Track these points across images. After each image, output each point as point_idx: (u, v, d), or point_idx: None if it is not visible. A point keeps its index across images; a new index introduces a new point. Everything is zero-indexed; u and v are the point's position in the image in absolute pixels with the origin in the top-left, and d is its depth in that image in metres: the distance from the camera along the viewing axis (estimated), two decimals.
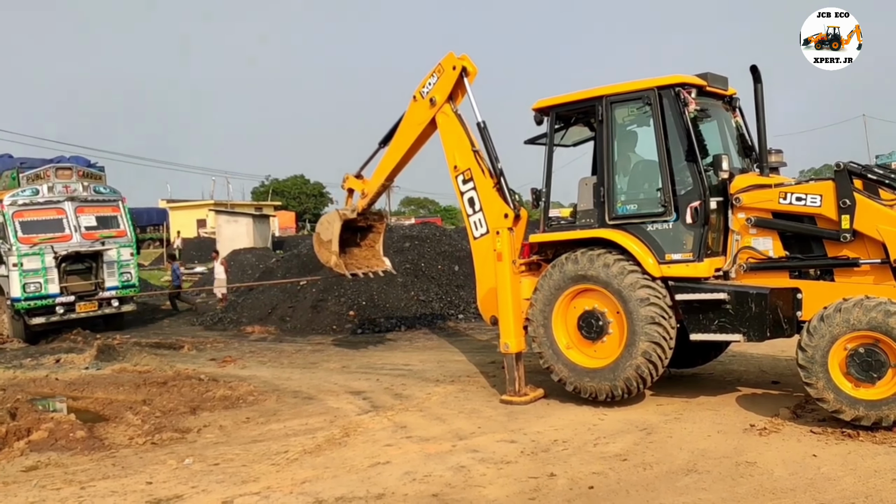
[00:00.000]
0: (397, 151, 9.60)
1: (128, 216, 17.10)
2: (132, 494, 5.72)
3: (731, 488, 5.19)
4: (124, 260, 16.59)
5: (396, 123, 9.62)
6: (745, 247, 7.16)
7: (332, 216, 10.44)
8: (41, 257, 15.39)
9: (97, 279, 16.18)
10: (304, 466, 6.20)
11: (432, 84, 8.91)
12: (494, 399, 8.21)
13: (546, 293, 7.69)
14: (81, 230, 16.06)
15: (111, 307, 16.37)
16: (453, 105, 8.85)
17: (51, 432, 7.43)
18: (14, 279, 15.20)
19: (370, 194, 10.11)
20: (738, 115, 8.04)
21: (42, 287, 15.35)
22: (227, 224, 34.67)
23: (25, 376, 11.14)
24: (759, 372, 8.83)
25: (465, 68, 8.69)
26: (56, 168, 16.36)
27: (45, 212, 15.82)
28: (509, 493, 5.36)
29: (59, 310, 15.58)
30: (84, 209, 16.29)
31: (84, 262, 16.08)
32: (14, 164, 17.44)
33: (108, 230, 16.52)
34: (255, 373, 10.78)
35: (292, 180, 74.74)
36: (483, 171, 8.49)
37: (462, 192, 8.68)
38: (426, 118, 9.04)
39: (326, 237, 10.28)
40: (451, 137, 8.81)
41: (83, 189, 16.37)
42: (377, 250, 10.93)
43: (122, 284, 16.50)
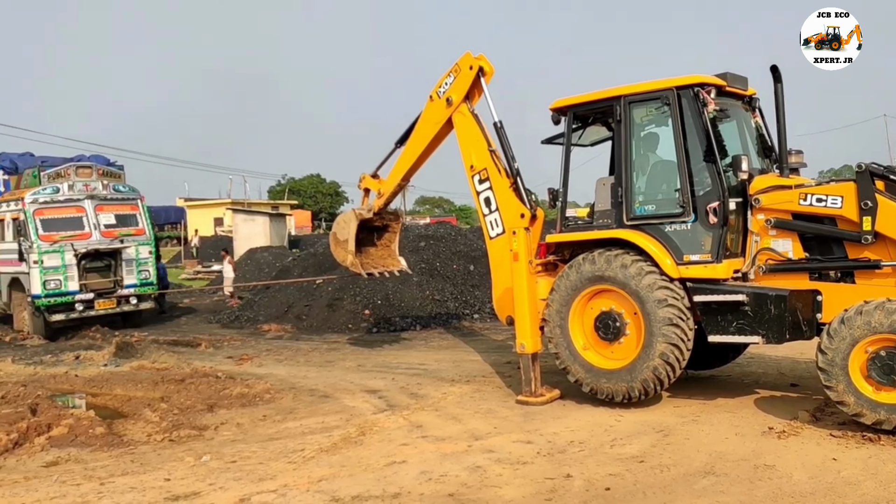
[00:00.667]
0: (413, 151, 9.61)
1: (146, 214, 17.23)
2: (150, 491, 5.76)
3: (749, 491, 5.16)
4: (143, 258, 16.70)
5: (412, 124, 9.64)
6: (765, 248, 7.11)
7: (349, 215, 10.46)
8: (61, 255, 15.51)
9: (116, 277, 16.30)
10: (321, 465, 6.22)
11: (449, 84, 8.91)
12: (510, 399, 8.20)
13: (563, 294, 7.67)
14: (101, 228, 16.21)
15: (129, 305, 16.49)
16: (470, 105, 8.84)
17: (71, 428, 7.50)
18: (35, 276, 15.35)
19: (386, 194, 10.13)
20: (758, 115, 7.98)
21: (62, 284, 15.48)
22: (244, 223, 34.83)
23: (45, 372, 11.27)
24: (777, 374, 8.76)
25: (482, 68, 8.68)
26: (76, 166, 16.50)
27: (66, 210, 15.95)
28: (525, 493, 5.35)
29: (79, 307, 15.70)
30: (103, 207, 16.45)
31: (103, 260, 16.19)
32: (35, 162, 17.55)
33: (127, 228, 16.66)
34: (271, 371, 10.83)
35: (308, 179, 75.02)
36: (499, 170, 8.48)
37: (478, 192, 8.68)
38: (442, 118, 9.04)
39: (343, 237, 10.30)
40: (468, 137, 8.80)
41: (103, 187, 16.51)
42: (393, 250, 10.95)
43: (140, 282, 16.61)
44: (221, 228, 46.36)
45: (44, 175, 16.29)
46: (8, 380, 10.58)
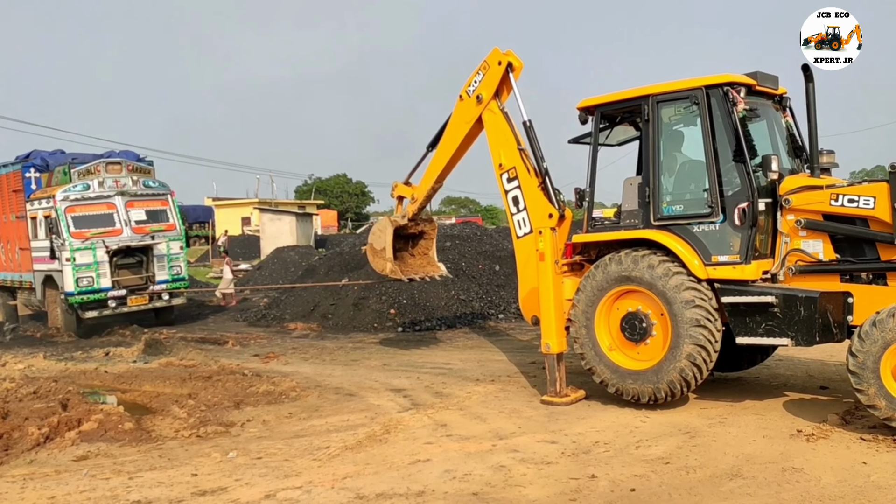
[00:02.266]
0: (445, 153, 9.56)
1: (177, 210, 17.17)
2: (178, 486, 5.83)
3: (776, 494, 5.09)
4: (174, 254, 16.70)
5: (443, 126, 9.61)
6: (794, 249, 7.01)
7: (383, 223, 10.32)
8: (93, 252, 15.56)
9: (147, 273, 16.35)
10: (346, 462, 6.26)
11: (478, 81, 8.90)
12: (535, 399, 8.18)
13: (589, 294, 7.63)
14: (132, 224, 16.22)
15: (161, 301, 16.49)
16: (500, 102, 8.82)
17: (100, 423, 7.62)
18: (67, 273, 15.40)
19: (420, 198, 10.06)
20: (789, 114, 7.86)
21: (94, 281, 15.55)
22: (271, 222, 35.17)
23: (76, 368, 11.46)
24: (806, 376, 8.64)
25: (510, 63, 8.66)
26: (106, 163, 16.49)
27: (96, 206, 15.98)
28: (550, 493, 5.33)
29: (112, 303, 15.76)
30: (134, 203, 16.44)
31: (135, 256, 16.26)
32: (66, 159, 17.52)
33: (158, 224, 16.64)
34: (297, 369, 10.91)
35: (335, 179, 75.44)
36: (528, 169, 8.45)
37: (506, 191, 8.65)
38: (473, 116, 9.02)
39: (379, 245, 10.16)
40: (497, 135, 8.78)
41: (133, 183, 16.51)
42: (431, 257, 10.80)
43: (172, 278, 16.61)
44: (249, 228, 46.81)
45: (74, 172, 16.29)
46: (40, 375, 10.79)
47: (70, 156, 17.96)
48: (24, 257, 17.17)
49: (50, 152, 18.20)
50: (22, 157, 17.97)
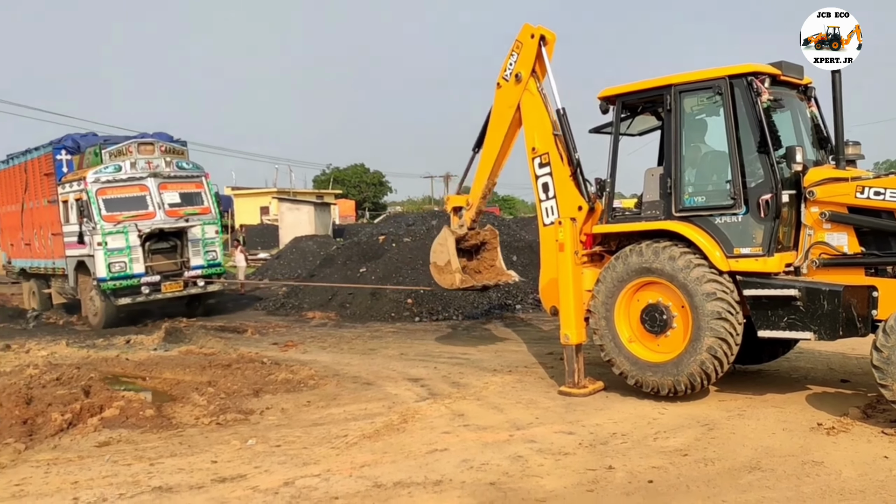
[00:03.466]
0: (493, 148, 9.35)
1: (211, 192, 16.53)
2: (198, 472, 5.89)
3: (796, 487, 5.06)
4: (209, 238, 16.09)
5: (485, 122, 9.44)
6: (818, 242, 6.91)
7: (443, 236, 9.87)
8: (125, 236, 15.00)
9: (182, 258, 15.74)
10: (364, 451, 6.29)
11: (513, 62, 8.81)
12: (552, 390, 8.17)
13: (609, 285, 7.59)
14: (165, 207, 15.60)
15: (197, 287, 15.89)
16: (538, 83, 8.73)
17: (122, 410, 7.71)
18: (99, 259, 14.88)
19: (475, 202, 9.78)
20: (814, 105, 7.75)
21: (127, 266, 15.00)
22: (290, 211, 35.33)
23: (98, 355, 11.59)
24: (827, 369, 8.57)
25: (542, 37, 8.60)
26: (138, 143, 15.88)
27: (128, 189, 15.37)
28: (567, 484, 5.33)
29: (145, 290, 15.21)
30: (167, 185, 15.81)
31: (168, 241, 15.63)
32: (97, 140, 16.86)
33: (192, 207, 16.01)
34: (315, 357, 10.97)
35: (353, 169, 75.57)
36: (561, 157, 8.39)
37: (537, 176, 8.60)
38: (515, 98, 8.88)
39: (443, 260, 9.71)
40: (534, 117, 8.69)
41: (165, 165, 15.88)
42: (499, 267, 10.23)
43: (207, 263, 16.01)
44: (267, 217, 47.00)
45: (105, 153, 15.70)
46: (62, 362, 10.91)
47: (101, 137, 17.35)
48: (56, 243, 16.70)
49: (82, 134, 17.62)
50: (54, 141, 17.42)
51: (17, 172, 18.55)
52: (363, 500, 5.17)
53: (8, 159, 19.16)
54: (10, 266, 20.07)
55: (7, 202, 19.60)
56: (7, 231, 19.86)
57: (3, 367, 10.66)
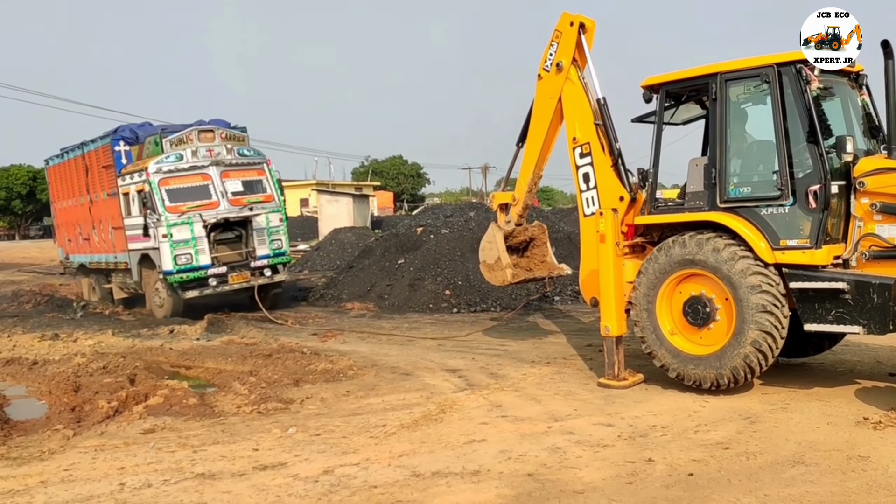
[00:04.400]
0: (536, 140, 9.24)
1: (274, 179, 15.98)
2: (240, 460, 5.99)
3: (841, 482, 4.95)
4: (273, 226, 15.50)
5: (528, 116, 9.35)
6: (869, 234, 6.71)
7: (491, 233, 9.72)
8: (190, 226, 14.50)
9: (247, 248, 15.15)
10: (402, 440, 6.32)
11: (554, 52, 8.73)
12: (591, 382, 8.12)
13: (651, 277, 7.49)
14: (228, 196, 15.07)
15: (264, 277, 15.31)
16: (579, 72, 8.65)
17: (166, 398, 7.87)
18: (165, 251, 14.40)
19: (521, 198, 9.65)
20: (866, 93, 7.52)
21: (193, 258, 14.49)
22: (329, 203, 35.62)
23: (142, 345, 11.84)
24: (874, 363, 8.36)
25: (582, 24, 8.52)
26: (198, 131, 15.31)
27: (191, 178, 14.90)
28: (605, 476, 5.30)
29: (212, 282, 14.73)
30: (229, 174, 15.31)
31: (233, 231, 15.07)
32: (155, 130, 16.30)
33: (255, 195, 15.50)
34: (354, 348, 11.06)
35: (391, 161, 75.93)
36: (603, 146, 8.29)
37: (578, 167, 8.51)
38: (557, 89, 8.78)
39: (492, 258, 9.54)
40: (575, 106, 8.61)
41: (227, 152, 15.37)
42: (550, 262, 9.97)
43: (273, 253, 15.46)
44: (307, 209, 47.45)
45: (166, 142, 15.16)
46: (108, 351, 11.17)
47: (159, 126, 16.78)
48: (117, 237, 16.26)
49: (138, 124, 17.07)
50: (110, 132, 16.98)
51: (73, 167, 18.18)
52: (401, 489, 5.20)
53: (62, 153, 18.83)
54: (68, 262, 19.76)
55: (63, 197, 19.29)
56: (64, 227, 19.54)
57: (52, 355, 10.96)
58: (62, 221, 19.69)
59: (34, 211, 71.96)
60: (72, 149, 18.20)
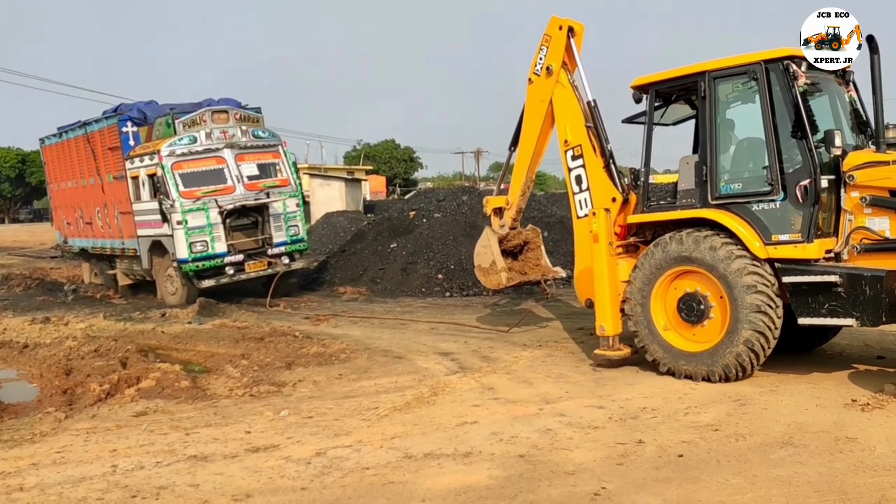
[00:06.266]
0: (528, 144, 9.26)
1: (290, 162, 15.38)
2: (232, 442, 6.02)
3: (828, 463, 5.02)
4: (290, 212, 14.87)
5: (519, 120, 9.38)
6: (859, 227, 6.73)
7: (485, 237, 9.78)
8: (206, 213, 13.79)
9: (264, 235, 14.52)
10: (394, 422, 6.36)
11: (543, 56, 8.76)
12: (582, 365, 8.17)
13: (646, 272, 7.50)
14: (244, 181, 14.39)
15: (282, 265, 14.66)
16: (569, 75, 8.69)
17: (158, 381, 7.88)
18: (179, 238, 13.70)
19: (514, 201, 9.66)
20: (853, 88, 7.56)
21: (209, 246, 13.82)
22: (321, 187, 35.48)
23: (134, 328, 11.82)
24: (863, 346, 8.44)
25: (571, 28, 8.56)
26: (212, 111, 14.61)
27: (205, 161, 14.18)
28: (596, 457, 5.35)
29: (229, 270, 14.07)
30: (244, 157, 14.59)
31: (249, 217, 14.39)
32: (163, 109, 15.48)
33: (272, 179, 14.83)
34: (346, 331, 11.08)
35: (383, 145, 75.68)
36: (594, 149, 8.34)
37: (570, 169, 8.56)
38: (548, 92, 8.82)
39: (487, 261, 9.57)
40: (566, 110, 8.66)
41: (241, 133, 14.68)
42: (544, 265, 10.05)
43: (290, 239, 14.84)
44: None
45: (178, 123, 14.37)
46: (100, 334, 11.16)
47: (167, 106, 15.86)
48: (125, 222, 15.51)
49: (145, 103, 16.24)
50: (110, 111, 16.40)
51: (73, 147, 17.35)
52: (394, 470, 5.25)
53: (60, 133, 18.02)
54: (67, 246, 19.08)
55: (61, 178, 18.53)
56: (62, 209, 18.81)
57: (43, 339, 10.95)
58: (60, 203, 18.98)
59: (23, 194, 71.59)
60: (72, 128, 17.44)
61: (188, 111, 14.92)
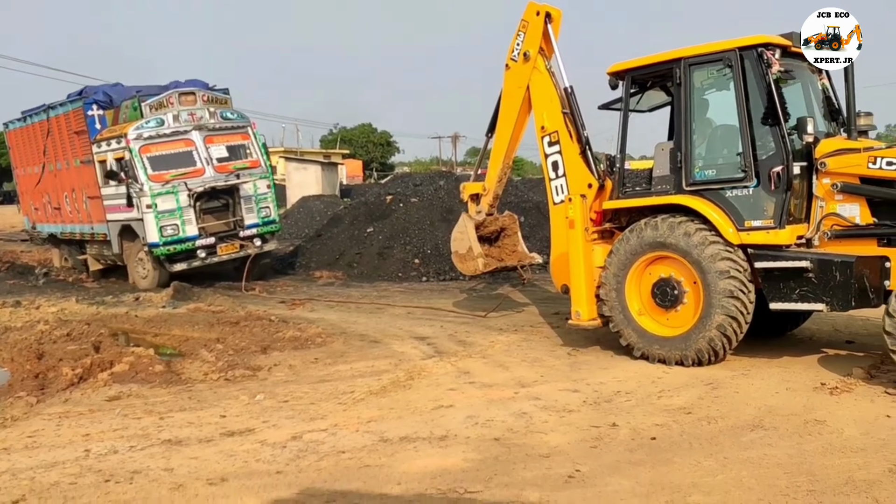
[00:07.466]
0: (505, 130, 9.26)
1: (259, 143, 15.25)
2: (207, 426, 5.99)
3: (798, 445, 5.12)
4: (261, 193, 14.82)
5: (496, 106, 9.35)
6: (830, 213, 6.84)
7: (461, 224, 9.76)
8: (175, 196, 13.75)
9: (235, 217, 14.51)
10: (370, 406, 6.37)
11: (521, 42, 8.75)
12: (558, 349, 8.23)
13: (621, 257, 7.56)
14: (213, 163, 14.29)
15: (254, 247, 14.61)
16: (546, 61, 8.68)
17: (132, 365, 7.81)
18: (149, 222, 13.66)
19: (491, 187, 9.63)
20: (825, 77, 7.64)
21: (180, 229, 13.79)
22: (297, 171, 35.29)
23: (107, 312, 11.70)
24: (832, 331, 8.59)
25: (548, 14, 8.56)
26: (179, 93, 14.48)
27: (173, 144, 14.07)
28: (571, 440, 5.40)
29: (201, 253, 14.06)
30: (213, 139, 14.44)
31: (219, 199, 14.39)
32: (130, 92, 15.32)
33: (242, 161, 14.76)
34: (323, 316, 11.05)
35: (360, 129, 75.21)
36: (571, 135, 8.36)
37: (547, 155, 8.58)
38: (525, 78, 8.81)
39: (464, 247, 9.58)
40: (543, 96, 8.66)
41: (210, 115, 14.56)
42: (521, 252, 10.08)
43: (262, 221, 14.80)
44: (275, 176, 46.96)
45: (145, 106, 14.22)
46: (72, 318, 11.02)
47: (133, 88, 15.71)
48: (93, 207, 15.36)
49: (111, 85, 16.14)
50: (74, 94, 16.10)
51: (38, 131, 17.13)
52: (369, 454, 5.26)
53: (24, 117, 17.79)
54: (35, 231, 18.77)
55: (27, 163, 18.27)
56: (28, 194, 18.53)
57: (14, 322, 10.78)
58: (27, 189, 18.70)
59: None
60: (36, 112, 17.26)
61: (155, 94, 14.80)
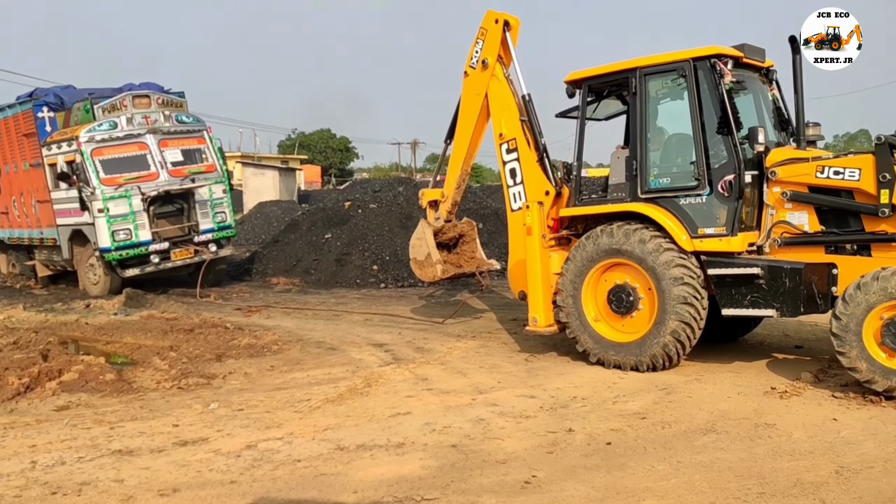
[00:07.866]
0: (464, 137, 9.27)
1: (215, 147, 15.14)
2: (159, 436, 5.87)
3: (749, 449, 5.21)
4: (217, 198, 14.71)
5: (455, 113, 9.38)
6: (780, 221, 7.01)
7: (420, 230, 9.76)
8: (128, 200, 13.55)
9: (190, 222, 14.38)
10: (327, 414, 6.31)
11: (480, 49, 8.80)
12: (515, 355, 8.27)
13: (578, 264, 7.62)
14: (168, 167, 14.16)
15: (209, 252, 14.44)
16: (504, 69, 8.74)
17: (81, 374, 7.62)
18: (101, 226, 13.45)
19: (450, 194, 9.61)
20: (775, 87, 7.85)
21: (132, 234, 13.59)
22: (254, 176, 34.92)
23: (56, 320, 11.42)
24: (782, 336, 8.79)
25: (507, 22, 8.63)
26: (132, 96, 14.31)
27: (127, 147, 13.88)
28: (527, 446, 5.42)
29: (154, 259, 13.88)
30: (168, 142, 14.34)
31: (174, 204, 14.23)
32: (82, 94, 15.13)
33: (197, 165, 14.62)
34: (279, 323, 10.93)
35: (319, 134, 74.79)
36: (528, 142, 8.43)
37: (504, 162, 8.63)
38: (483, 86, 8.85)
39: (423, 254, 9.59)
40: (501, 103, 8.71)
41: (164, 119, 14.44)
42: (480, 258, 10.11)
43: (217, 226, 14.68)
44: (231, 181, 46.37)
45: (98, 108, 14.12)
46: (20, 326, 10.74)
47: (85, 91, 15.53)
48: (43, 211, 15.08)
49: (62, 87, 15.94)
50: (24, 96, 15.92)
51: None
52: (325, 462, 5.21)
53: None
54: None
55: None
56: None
57: None
58: None
59: None
60: None
61: (108, 96, 14.59)
